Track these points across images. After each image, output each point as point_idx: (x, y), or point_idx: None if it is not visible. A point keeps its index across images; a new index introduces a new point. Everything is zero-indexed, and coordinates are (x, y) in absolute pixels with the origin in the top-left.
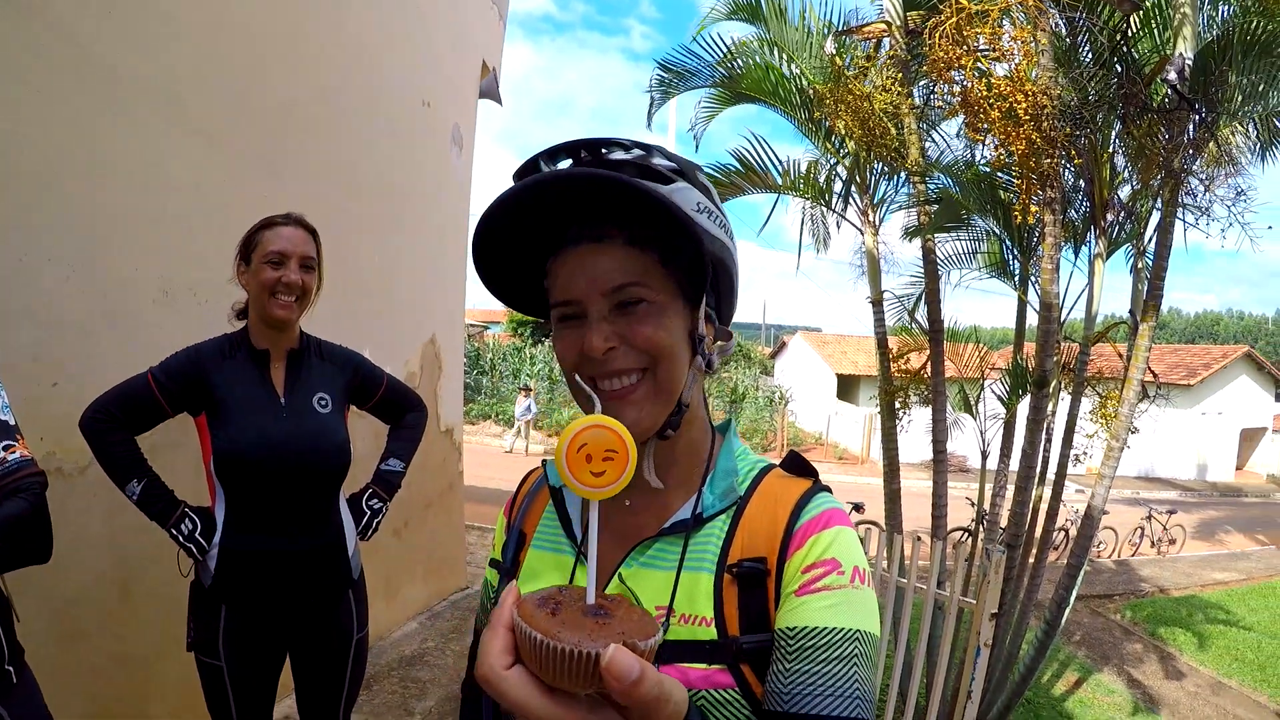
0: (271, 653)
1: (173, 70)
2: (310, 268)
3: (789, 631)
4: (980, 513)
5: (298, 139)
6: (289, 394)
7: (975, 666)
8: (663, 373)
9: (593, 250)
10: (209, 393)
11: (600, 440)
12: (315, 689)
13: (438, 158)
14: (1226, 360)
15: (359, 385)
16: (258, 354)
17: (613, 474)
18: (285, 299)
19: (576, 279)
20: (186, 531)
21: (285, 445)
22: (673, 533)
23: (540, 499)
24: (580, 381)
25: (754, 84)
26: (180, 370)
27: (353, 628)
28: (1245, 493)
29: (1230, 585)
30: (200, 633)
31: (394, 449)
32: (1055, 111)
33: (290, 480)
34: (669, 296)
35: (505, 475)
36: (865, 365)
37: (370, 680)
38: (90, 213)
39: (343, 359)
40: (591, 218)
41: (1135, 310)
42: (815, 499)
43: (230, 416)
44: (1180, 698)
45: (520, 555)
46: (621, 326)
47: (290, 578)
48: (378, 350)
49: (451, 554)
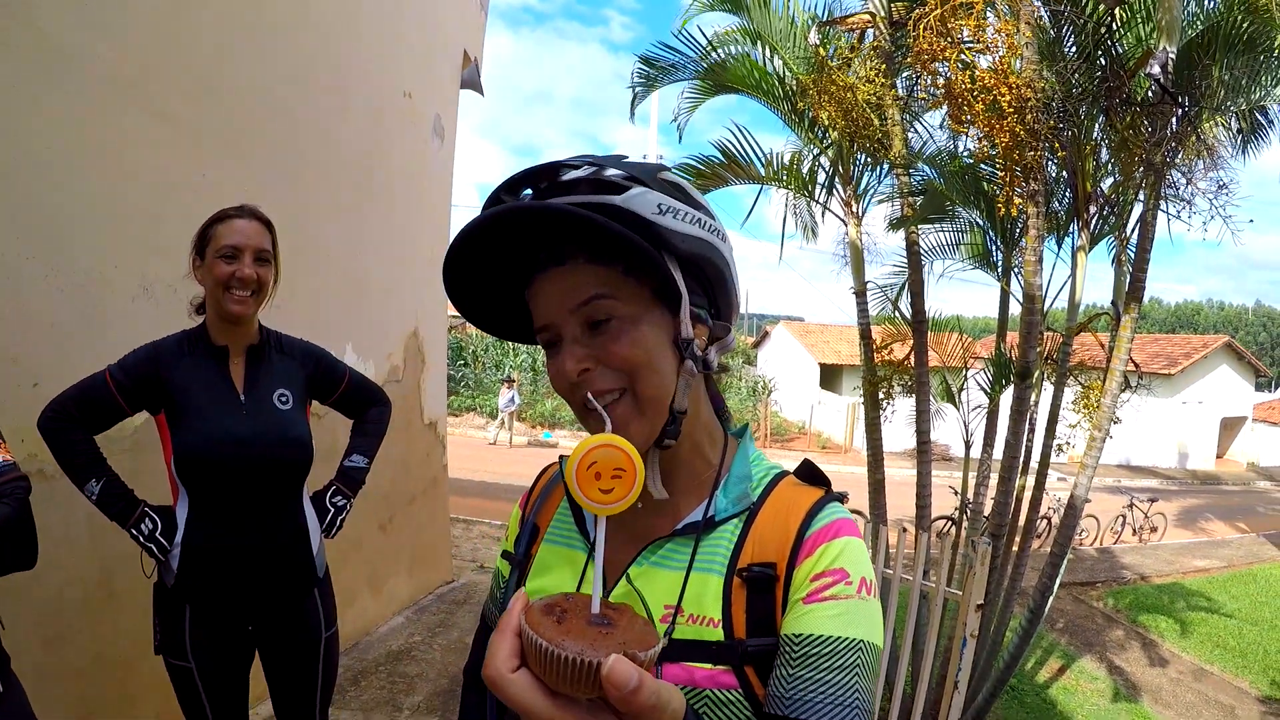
0: (239, 651)
1: (139, 56)
2: (266, 261)
3: (794, 638)
4: (964, 502)
5: (271, 128)
6: (248, 390)
7: (961, 657)
8: (643, 387)
9: (558, 273)
10: (167, 391)
11: (609, 459)
12: (288, 688)
13: (418, 148)
14: (1207, 350)
15: (320, 380)
16: (216, 350)
17: (620, 491)
18: (240, 294)
19: (546, 303)
20: (147, 531)
21: (245, 442)
22: (684, 534)
23: (555, 494)
24: (591, 400)
25: (737, 77)
26: (138, 368)
27: (320, 626)
28: (1225, 481)
29: (1211, 572)
30: (166, 634)
31: (357, 444)
32: (1039, 104)
33: (251, 478)
34: (641, 306)
35: (489, 468)
36: (848, 355)
37: (358, 676)
38: (64, 207)
39: (303, 353)
40: (551, 242)
41: (1118, 301)
42: (826, 508)
43: (189, 414)
44: (1163, 684)
45: (533, 548)
46: (595, 347)
47: (253, 576)
48: (359, 343)
49: (437, 547)
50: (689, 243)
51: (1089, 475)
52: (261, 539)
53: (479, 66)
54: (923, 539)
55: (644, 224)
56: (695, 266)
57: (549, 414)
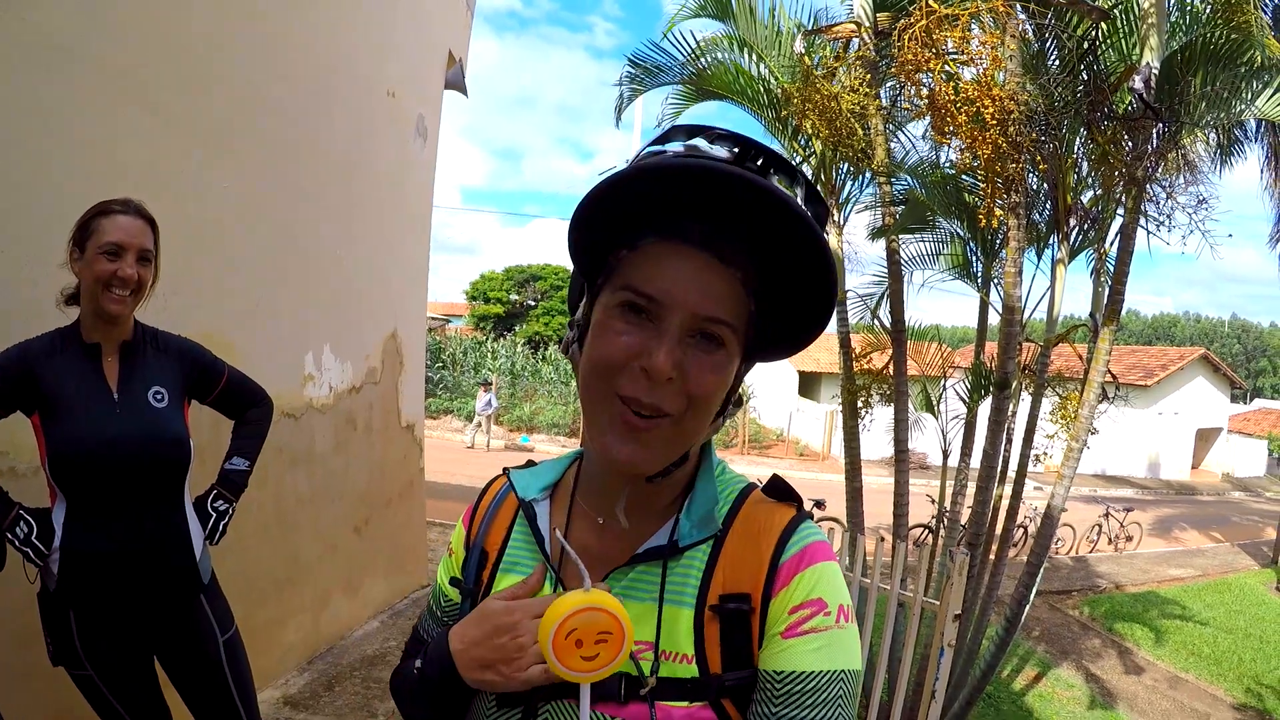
0: (135, 653)
1: (130, 50)
2: (148, 260)
3: (776, 675)
4: (941, 511)
5: (260, 123)
6: (123, 388)
7: (939, 667)
8: (690, 423)
9: (710, 265)
10: (39, 391)
11: (592, 623)
12: (199, 695)
13: (401, 148)
14: (1183, 362)
15: (198, 377)
16: (89, 348)
17: (607, 656)
18: (120, 293)
19: (676, 279)
20: (22, 535)
21: (119, 442)
22: (647, 559)
23: (504, 514)
24: (630, 415)
25: (722, 83)
26: (8, 369)
27: (214, 632)
28: (1200, 491)
29: (1186, 581)
30: (58, 643)
31: (238, 446)
32: (1022, 117)
33: (127, 478)
34: (739, 346)
35: (466, 471)
36: (827, 363)
37: (332, 681)
38: (53, 201)
39: (179, 350)
40: (724, 228)
41: (1096, 313)
42: (799, 531)
43: (62, 414)
44: (1138, 691)
45: (483, 574)
46: (688, 359)
47: (133, 581)
48: (337, 344)
49: (413, 551)
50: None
51: (1066, 485)
52: (139, 543)
53: (464, 67)
54: (900, 548)
55: (832, 287)
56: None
57: (527, 418)
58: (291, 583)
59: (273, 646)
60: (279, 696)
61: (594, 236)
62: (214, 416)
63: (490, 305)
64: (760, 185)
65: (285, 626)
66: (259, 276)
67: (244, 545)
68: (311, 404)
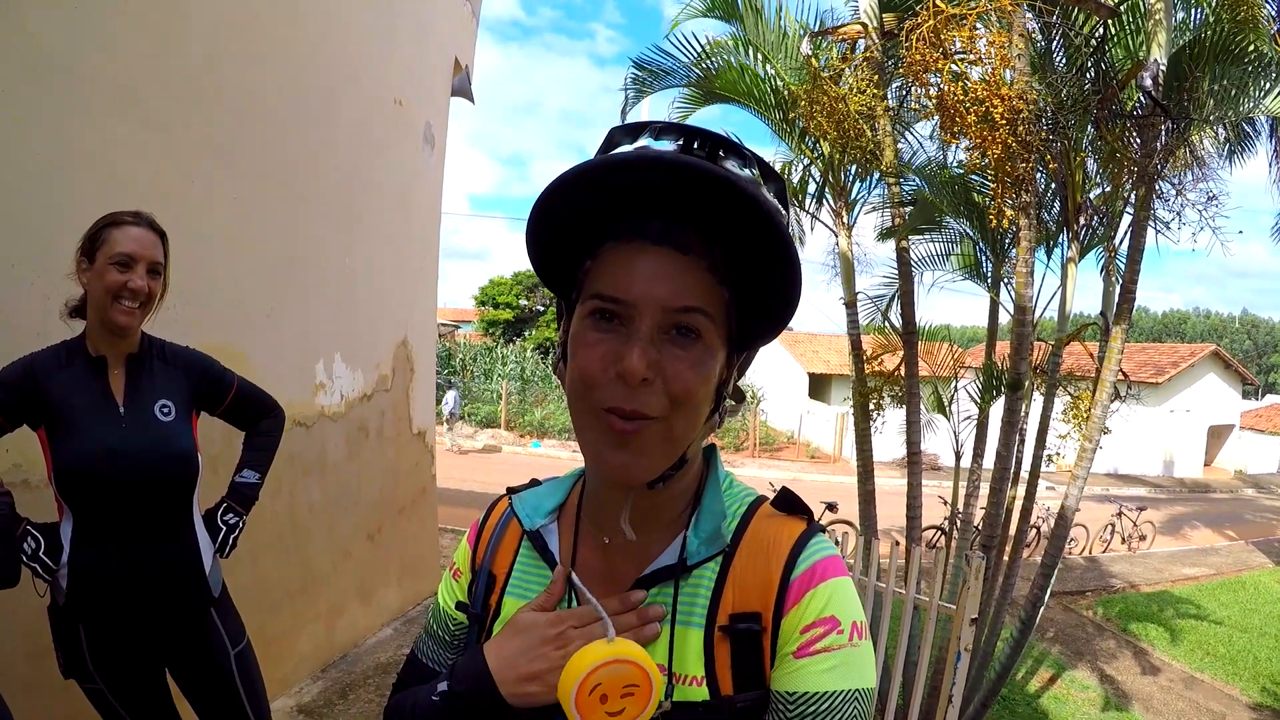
0: (145, 666)
1: (130, 64)
2: (157, 273)
3: (789, 696)
4: (954, 513)
5: (261, 136)
6: (129, 402)
7: (956, 671)
8: (679, 423)
9: (672, 258)
10: (46, 405)
11: (618, 677)
12: (211, 708)
13: (409, 156)
14: (1194, 358)
15: (206, 389)
16: (94, 361)
17: (633, 710)
18: (129, 305)
19: (639, 280)
20: (30, 550)
21: (126, 457)
22: (656, 580)
23: (510, 536)
24: (619, 421)
25: (729, 84)
26: (14, 383)
27: (225, 646)
28: (1213, 489)
29: (1200, 580)
30: (68, 657)
31: (249, 459)
32: (1031, 116)
33: (133, 493)
34: (720, 338)
35: (476, 477)
36: (837, 364)
37: (346, 689)
38: (54, 216)
39: (187, 362)
40: (680, 220)
41: (1107, 312)
42: (810, 546)
43: (68, 429)
44: (1153, 692)
45: (491, 599)
46: (665, 358)
47: (142, 596)
48: (348, 353)
49: (425, 558)
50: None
51: (1080, 486)
52: (148, 558)
53: (470, 74)
54: (915, 552)
55: (794, 265)
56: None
57: (537, 423)
58: (305, 592)
59: (286, 655)
60: (293, 705)
61: (554, 251)
62: (226, 427)
63: (499, 311)
64: (705, 170)
65: (299, 635)
66: (270, 286)
67: (258, 555)
68: (323, 412)
